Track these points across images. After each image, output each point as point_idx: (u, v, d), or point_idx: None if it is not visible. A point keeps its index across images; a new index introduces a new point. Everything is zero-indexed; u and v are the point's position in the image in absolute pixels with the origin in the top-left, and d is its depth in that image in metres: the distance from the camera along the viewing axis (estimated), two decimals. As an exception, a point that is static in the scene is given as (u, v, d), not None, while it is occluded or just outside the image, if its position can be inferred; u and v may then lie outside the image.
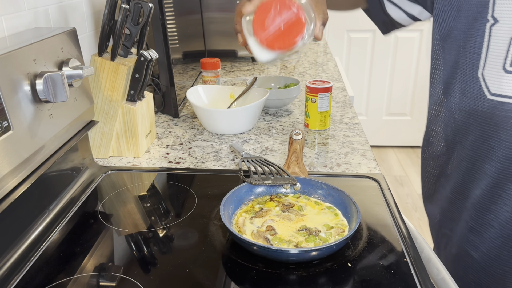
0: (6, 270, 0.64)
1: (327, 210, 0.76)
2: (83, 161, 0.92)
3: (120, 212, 0.81)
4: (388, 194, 0.83)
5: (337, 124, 1.18)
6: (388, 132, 3.39)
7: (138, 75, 0.95)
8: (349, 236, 0.64)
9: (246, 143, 1.08)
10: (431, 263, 0.70)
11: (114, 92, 0.94)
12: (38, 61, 0.71)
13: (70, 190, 0.85)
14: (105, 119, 0.96)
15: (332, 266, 0.64)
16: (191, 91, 1.18)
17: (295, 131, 0.87)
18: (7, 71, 0.65)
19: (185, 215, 0.78)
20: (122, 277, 0.63)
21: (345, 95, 1.42)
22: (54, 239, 0.72)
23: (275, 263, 0.64)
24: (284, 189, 0.81)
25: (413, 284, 0.61)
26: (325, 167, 0.95)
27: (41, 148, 0.73)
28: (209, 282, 0.62)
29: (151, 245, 0.71)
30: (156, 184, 0.91)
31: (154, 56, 0.96)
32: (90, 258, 0.67)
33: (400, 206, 0.78)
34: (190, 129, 1.17)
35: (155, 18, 1.09)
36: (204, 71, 1.31)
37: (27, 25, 0.84)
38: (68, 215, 0.78)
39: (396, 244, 0.69)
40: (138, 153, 1.00)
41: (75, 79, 0.77)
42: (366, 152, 1.02)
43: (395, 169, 3.13)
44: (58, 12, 0.94)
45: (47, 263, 0.67)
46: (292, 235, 0.69)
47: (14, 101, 0.65)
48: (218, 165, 0.97)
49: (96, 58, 0.93)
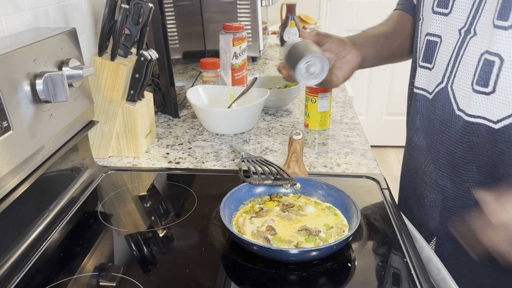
0: (6, 270, 0.64)
1: (327, 210, 0.76)
2: (83, 161, 0.92)
3: (120, 212, 0.81)
4: (388, 194, 0.83)
5: (337, 124, 1.18)
6: (388, 132, 3.39)
7: (138, 75, 0.95)
8: (349, 236, 0.64)
9: (246, 143, 1.08)
10: (431, 263, 0.70)
11: (114, 92, 0.94)
12: (38, 61, 0.71)
13: (70, 190, 0.85)
14: (105, 119, 0.96)
15: (332, 266, 0.64)
16: (191, 91, 1.18)
17: (295, 131, 0.87)
18: (7, 71, 0.65)
19: (185, 215, 0.78)
20: (122, 277, 0.63)
21: (345, 95, 1.42)
22: (54, 239, 0.72)
23: (275, 263, 0.64)
24: (284, 189, 0.81)
25: (413, 284, 0.61)
26: (325, 167, 0.95)
27: (41, 148, 0.73)
28: (209, 282, 0.62)
29: (151, 245, 0.71)
30: (156, 184, 0.91)
31: (154, 56, 0.96)
32: (90, 258, 0.67)
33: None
34: (190, 129, 1.17)
35: (155, 18, 1.09)
36: (204, 71, 1.31)
37: (27, 25, 0.84)
38: (68, 215, 0.78)
39: (396, 244, 0.69)
40: (138, 153, 1.00)
41: (75, 79, 0.77)
42: (366, 152, 1.02)
43: (395, 169, 3.13)
44: (58, 12, 0.94)
45: (47, 263, 0.67)
46: (292, 235, 0.69)
47: (14, 101, 0.65)
48: (218, 165, 0.97)
49: (96, 58, 0.93)
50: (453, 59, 0.71)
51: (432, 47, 0.76)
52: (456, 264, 0.77)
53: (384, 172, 3.02)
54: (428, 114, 0.78)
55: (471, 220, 0.69)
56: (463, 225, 0.72)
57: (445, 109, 0.73)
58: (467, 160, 0.70)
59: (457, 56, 0.70)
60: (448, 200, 0.75)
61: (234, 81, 1.38)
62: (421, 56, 0.79)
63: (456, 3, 0.71)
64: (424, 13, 0.79)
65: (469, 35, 0.68)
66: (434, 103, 0.76)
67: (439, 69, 0.74)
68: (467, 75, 0.68)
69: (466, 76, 0.68)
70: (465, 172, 0.71)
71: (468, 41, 0.68)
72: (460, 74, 0.69)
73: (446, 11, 0.73)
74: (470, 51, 0.68)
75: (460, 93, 0.70)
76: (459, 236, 0.75)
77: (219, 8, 1.69)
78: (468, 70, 0.68)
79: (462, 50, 0.69)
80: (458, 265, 0.77)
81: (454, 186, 0.73)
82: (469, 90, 0.68)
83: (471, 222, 0.68)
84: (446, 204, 0.76)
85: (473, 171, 0.70)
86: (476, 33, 0.67)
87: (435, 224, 0.79)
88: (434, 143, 0.76)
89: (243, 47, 1.35)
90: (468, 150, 0.70)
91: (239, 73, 1.37)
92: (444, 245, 0.79)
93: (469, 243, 0.72)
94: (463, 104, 0.69)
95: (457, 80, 0.70)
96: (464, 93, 0.69)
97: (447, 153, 0.73)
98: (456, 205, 0.74)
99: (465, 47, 0.69)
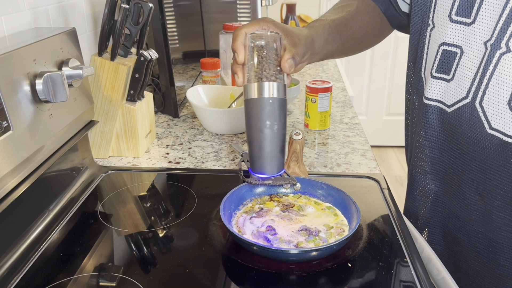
0: (6, 270, 0.64)
1: (327, 210, 0.76)
2: (83, 161, 0.92)
3: (120, 212, 0.81)
4: (388, 194, 0.83)
5: (337, 124, 1.18)
6: (388, 132, 3.39)
7: (138, 75, 0.95)
8: (349, 236, 0.64)
9: (246, 143, 1.08)
10: (431, 263, 0.70)
11: (114, 92, 0.94)
12: (38, 61, 0.71)
13: (70, 190, 0.85)
14: (105, 119, 0.96)
15: (332, 266, 0.64)
16: (191, 91, 1.18)
17: (295, 131, 0.87)
18: (7, 71, 0.65)
19: (185, 215, 0.78)
20: (122, 277, 0.63)
21: (345, 95, 1.42)
22: (54, 239, 0.72)
23: (275, 263, 0.64)
24: (284, 189, 0.81)
25: (413, 284, 0.61)
26: (325, 167, 0.95)
27: (41, 148, 0.73)
28: (209, 282, 0.62)
29: (151, 245, 0.71)
30: (156, 184, 0.91)
31: (154, 56, 0.96)
32: (90, 258, 0.67)
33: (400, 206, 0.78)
34: (190, 129, 1.17)
35: (155, 18, 1.09)
36: (204, 71, 1.31)
37: (27, 25, 0.84)
38: (68, 215, 0.78)
39: (396, 244, 0.69)
40: (138, 153, 1.00)
41: (75, 79, 0.77)
42: (366, 152, 1.02)
43: (395, 169, 3.13)
44: (58, 12, 0.94)
45: (47, 263, 0.67)
46: (292, 235, 0.69)
47: (14, 101, 0.65)
48: (218, 165, 0.97)
49: (96, 58, 0.93)
50: (479, 74, 0.66)
51: (450, 58, 0.71)
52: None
53: (384, 172, 3.02)
54: (444, 127, 0.74)
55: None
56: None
57: (472, 126, 0.68)
58: (501, 178, 0.67)
59: (485, 71, 0.65)
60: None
61: (234, 81, 1.38)
62: (434, 66, 0.74)
63: (481, 13, 0.65)
64: (436, 20, 0.74)
65: (499, 50, 0.63)
66: (455, 118, 0.71)
67: (461, 82, 0.69)
68: (502, 93, 0.64)
69: (501, 94, 0.64)
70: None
71: (499, 57, 0.63)
72: (492, 91, 0.65)
73: (468, 21, 0.67)
74: (504, 69, 0.63)
75: (492, 111, 0.65)
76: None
77: (219, 8, 1.69)
78: (503, 88, 0.63)
79: (492, 66, 0.64)
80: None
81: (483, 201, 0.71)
82: (505, 109, 0.64)
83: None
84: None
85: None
86: (511, 49, 0.62)
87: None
88: (451, 156, 0.74)
89: None
90: (502, 169, 0.66)
91: (239, 73, 1.37)
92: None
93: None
94: (497, 123, 0.65)
95: (487, 97, 0.66)
96: (499, 112, 0.64)
97: (478, 169, 0.70)
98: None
99: (495, 63, 0.64)
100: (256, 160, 0.70)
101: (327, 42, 0.82)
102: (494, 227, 0.69)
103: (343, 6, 0.91)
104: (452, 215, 0.77)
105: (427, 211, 0.81)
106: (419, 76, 0.79)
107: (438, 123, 0.76)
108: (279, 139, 0.69)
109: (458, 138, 0.72)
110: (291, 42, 0.71)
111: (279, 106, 0.68)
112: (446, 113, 0.73)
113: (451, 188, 0.76)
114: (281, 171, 0.71)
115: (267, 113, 0.67)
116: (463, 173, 0.72)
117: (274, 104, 0.67)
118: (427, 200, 0.81)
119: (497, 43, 0.64)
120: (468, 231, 0.74)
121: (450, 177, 0.76)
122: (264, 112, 0.67)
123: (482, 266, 0.73)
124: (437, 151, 0.77)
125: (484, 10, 0.66)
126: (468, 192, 0.72)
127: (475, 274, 0.75)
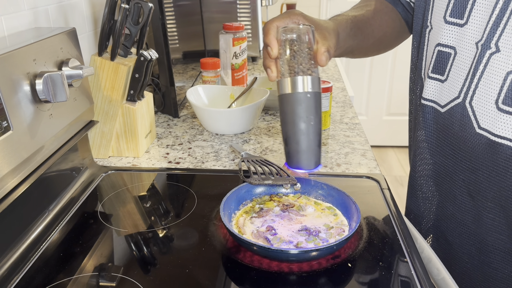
0: (6, 270, 0.64)
1: (327, 210, 0.76)
2: (82, 161, 0.92)
3: (120, 212, 0.81)
4: (388, 194, 0.83)
5: (337, 124, 1.18)
6: (388, 132, 3.39)
7: (138, 75, 0.95)
8: (349, 236, 0.64)
9: (246, 143, 1.08)
10: (431, 263, 0.70)
11: (114, 92, 0.94)
12: (38, 61, 0.71)
13: (70, 190, 0.85)
14: (105, 119, 0.96)
15: (332, 266, 0.64)
16: (191, 91, 1.18)
17: None
18: (7, 71, 0.65)
19: (185, 215, 0.78)
20: (122, 277, 0.63)
21: (345, 95, 1.42)
22: (54, 239, 0.72)
23: (275, 263, 0.64)
24: (284, 189, 0.81)
25: (413, 284, 0.61)
26: (325, 167, 0.95)
27: (41, 148, 0.73)
28: (209, 282, 0.62)
29: (151, 245, 0.71)
30: (156, 184, 0.91)
31: (154, 56, 0.96)
32: (90, 258, 0.67)
33: (400, 206, 0.78)
34: (190, 129, 1.17)
35: (155, 18, 1.09)
36: (204, 71, 1.31)
37: (27, 25, 0.84)
38: (68, 215, 0.78)
39: (396, 244, 0.69)
40: (138, 153, 1.00)
41: (75, 79, 0.77)
42: (366, 152, 1.02)
43: (395, 169, 3.13)
44: (58, 12, 0.94)
45: (47, 263, 0.67)
46: (292, 235, 0.69)
47: (14, 101, 0.65)
48: (218, 165, 0.97)
49: (96, 58, 0.93)
50: (470, 74, 0.67)
51: (444, 58, 0.72)
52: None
53: (384, 172, 3.02)
54: (438, 127, 0.75)
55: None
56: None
57: (463, 126, 0.69)
58: (490, 178, 0.67)
59: (475, 71, 0.66)
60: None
61: (234, 81, 1.38)
62: (430, 67, 0.75)
63: (473, 14, 0.66)
64: (433, 21, 0.74)
65: (488, 50, 0.64)
66: (447, 118, 0.72)
67: (454, 83, 0.70)
68: (490, 93, 0.64)
69: (489, 94, 0.64)
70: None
71: (489, 57, 0.64)
72: (481, 91, 0.65)
73: (461, 22, 0.68)
74: (493, 68, 0.63)
75: (481, 111, 0.66)
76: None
77: (219, 8, 1.69)
78: (491, 88, 0.64)
79: (482, 66, 0.65)
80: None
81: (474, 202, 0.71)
82: (492, 109, 0.64)
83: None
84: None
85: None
86: (499, 49, 0.63)
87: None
88: (443, 157, 0.74)
89: (243, 47, 1.35)
90: (491, 170, 0.66)
91: (239, 73, 1.37)
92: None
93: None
94: (485, 123, 0.65)
95: (477, 97, 0.66)
96: (487, 112, 0.65)
97: (469, 170, 0.70)
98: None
99: (485, 63, 0.64)
100: (294, 155, 0.69)
101: (349, 36, 0.82)
102: (485, 229, 0.69)
103: (362, 6, 0.92)
104: (444, 216, 0.77)
105: (430, 213, 0.81)
106: (420, 77, 0.80)
107: (433, 124, 0.76)
108: (316, 133, 0.68)
109: (450, 138, 0.72)
110: (321, 35, 0.71)
111: (314, 100, 0.67)
112: (440, 114, 0.73)
113: (443, 189, 0.76)
114: (319, 166, 0.70)
115: (304, 107, 0.66)
116: (455, 173, 0.73)
117: (310, 98, 0.66)
118: (428, 201, 0.81)
119: (487, 43, 0.64)
120: (460, 233, 0.74)
121: (442, 177, 0.76)
122: (300, 107, 0.66)
123: (474, 269, 0.73)
124: (433, 151, 0.77)
125: (476, 11, 0.66)
126: (460, 193, 0.72)
127: (467, 277, 0.75)
